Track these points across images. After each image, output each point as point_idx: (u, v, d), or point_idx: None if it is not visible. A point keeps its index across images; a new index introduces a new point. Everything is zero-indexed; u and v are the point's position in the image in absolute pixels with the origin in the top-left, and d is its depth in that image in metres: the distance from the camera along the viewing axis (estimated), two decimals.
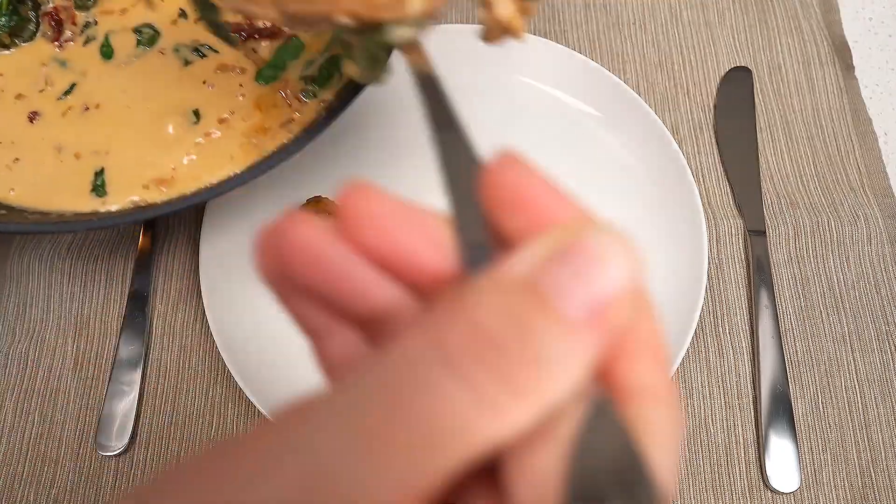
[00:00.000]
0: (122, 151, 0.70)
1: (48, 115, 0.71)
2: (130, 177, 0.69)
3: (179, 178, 0.69)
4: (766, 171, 0.89)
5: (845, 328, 0.80)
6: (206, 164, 0.70)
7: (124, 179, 0.69)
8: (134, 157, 0.70)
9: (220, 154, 0.70)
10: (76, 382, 0.79)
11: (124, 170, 0.70)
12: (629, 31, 0.98)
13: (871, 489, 0.74)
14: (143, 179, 0.69)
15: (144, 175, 0.69)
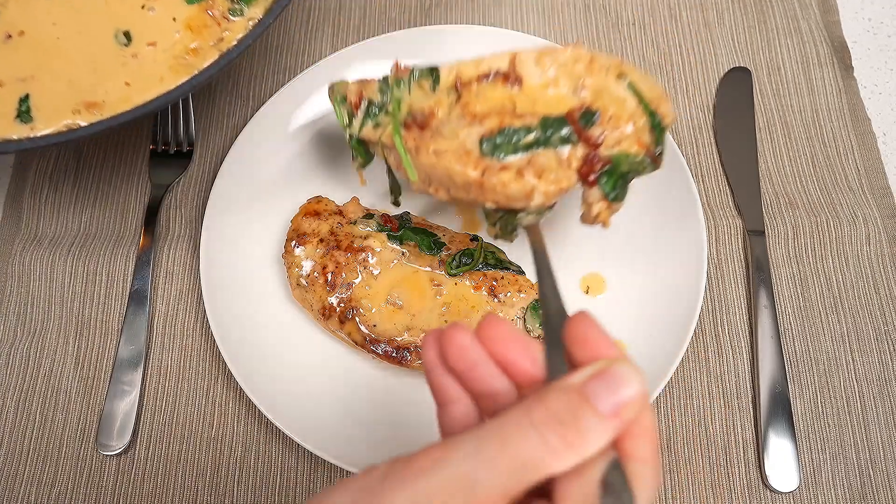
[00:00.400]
0: (50, 77, 0.69)
1: None
2: (59, 102, 0.68)
3: (110, 102, 0.68)
4: (766, 171, 0.89)
5: (844, 328, 0.81)
6: (136, 87, 0.69)
7: (52, 105, 0.68)
8: (63, 82, 0.68)
9: (150, 76, 0.70)
10: (77, 382, 0.79)
11: (53, 95, 0.68)
12: (629, 31, 0.98)
13: (870, 489, 0.74)
14: (72, 104, 0.68)
15: (74, 99, 0.68)
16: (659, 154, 0.66)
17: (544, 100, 0.68)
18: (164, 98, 0.66)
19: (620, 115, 0.65)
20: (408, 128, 0.71)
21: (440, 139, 0.67)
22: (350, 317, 0.74)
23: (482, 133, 0.66)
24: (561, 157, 0.64)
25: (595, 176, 0.64)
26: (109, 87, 0.69)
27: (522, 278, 0.77)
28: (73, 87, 0.68)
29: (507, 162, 0.65)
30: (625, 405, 0.38)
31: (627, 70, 0.69)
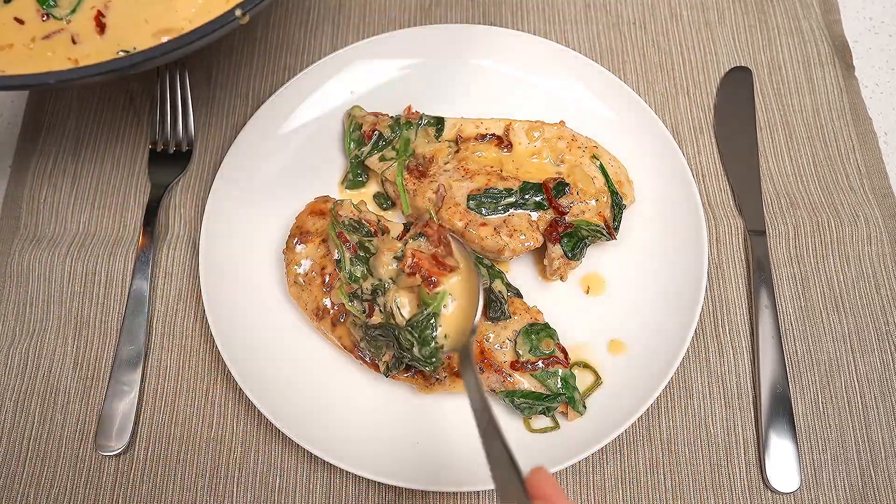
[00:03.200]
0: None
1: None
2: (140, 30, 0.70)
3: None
4: (766, 171, 0.89)
5: (845, 328, 0.80)
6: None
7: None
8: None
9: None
10: (76, 382, 0.79)
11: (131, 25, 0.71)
12: (629, 31, 0.98)
13: (871, 489, 0.74)
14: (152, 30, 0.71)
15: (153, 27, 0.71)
16: (616, 228, 0.80)
17: (527, 167, 0.82)
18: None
19: (588, 191, 0.80)
20: (409, 171, 0.82)
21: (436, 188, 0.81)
22: (342, 321, 0.74)
23: (471, 189, 0.79)
24: (531, 220, 0.78)
25: (557, 236, 0.77)
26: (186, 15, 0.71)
27: (518, 301, 0.77)
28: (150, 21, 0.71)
29: (488, 219, 0.78)
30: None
31: (601, 153, 0.83)
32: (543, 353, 0.73)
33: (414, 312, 0.70)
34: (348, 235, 0.75)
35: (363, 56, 0.90)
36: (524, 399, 0.72)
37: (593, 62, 0.89)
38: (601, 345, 0.78)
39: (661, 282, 0.79)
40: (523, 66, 0.91)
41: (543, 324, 0.75)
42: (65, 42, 0.71)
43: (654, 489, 0.74)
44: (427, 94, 0.90)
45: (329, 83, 0.90)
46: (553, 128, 0.83)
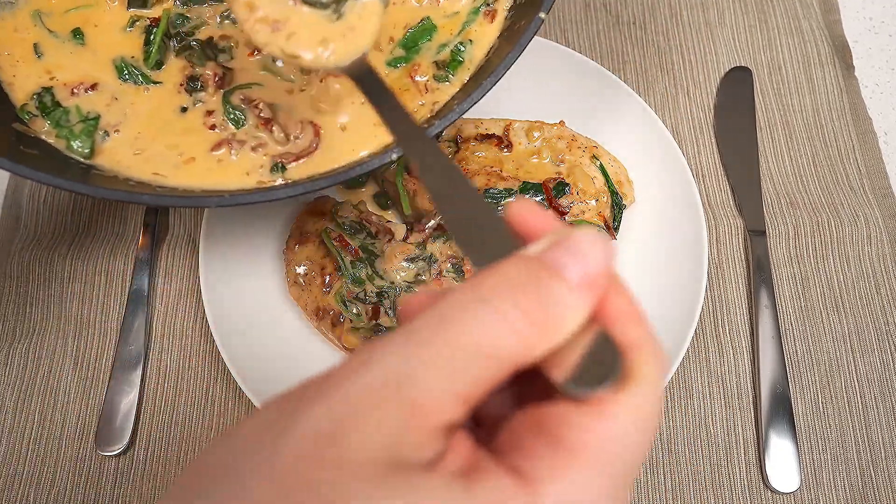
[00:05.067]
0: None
1: None
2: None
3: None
4: (766, 171, 0.89)
5: (845, 328, 0.80)
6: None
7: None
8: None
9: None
10: (76, 382, 0.79)
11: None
12: (629, 31, 0.98)
13: (871, 489, 0.74)
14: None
15: None
16: (616, 228, 0.80)
17: (527, 167, 0.82)
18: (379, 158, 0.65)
19: (588, 191, 0.79)
20: (409, 171, 0.82)
21: None
22: (342, 321, 0.74)
23: None
24: None
25: None
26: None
27: None
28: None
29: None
30: (595, 274, 0.31)
31: (601, 153, 0.83)
32: None
33: None
34: (349, 239, 0.76)
35: None
36: None
37: (593, 62, 0.89)
38: None
39: (661, 282, 0.79)
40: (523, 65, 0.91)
41: None
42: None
43: (654, 489, 0.74)
44: None
45: None
46: (553, 128, 0.84)
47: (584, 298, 0.31)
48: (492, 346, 0.29)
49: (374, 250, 0.76)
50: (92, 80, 0.69)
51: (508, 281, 0.30)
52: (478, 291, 0.30)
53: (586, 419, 0.29)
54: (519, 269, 0.30)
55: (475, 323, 0.29)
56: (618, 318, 0.32)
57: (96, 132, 0.67)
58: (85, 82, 0.68)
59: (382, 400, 0.28)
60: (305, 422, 0.28)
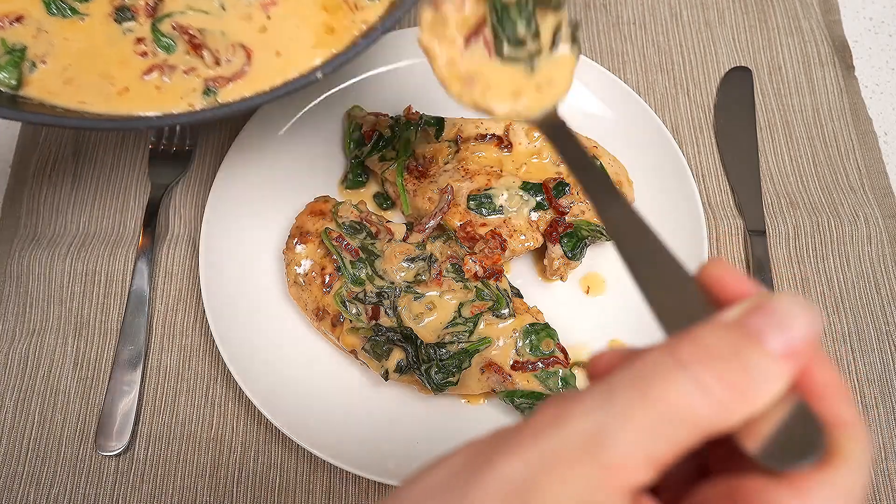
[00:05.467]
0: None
1: None
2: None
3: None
4: (766, 171, 0.89)
5: (845, 328, 0.80)
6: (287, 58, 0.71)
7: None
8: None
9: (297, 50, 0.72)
10: (76, 382, 0.79)
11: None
12: (629, 31, 0.98)
13: (871, 489, 0.74)
14: None
15: None
16: None
17: (527, 167, 0.82)
18: (311, 75, 0.67)
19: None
20: (409, 171, 0.82)
21: (436, 188, 0.80)
22: (342, 321, 0.74)
23: (471, 189, 0.79)
24: (531, 220, 0.79)
25: (557, 236, 0.77)
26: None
27: (518, 301, 0.77)
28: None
29: (488, 219, 0.78)
30: (798, 344, 0.30)
31: (601, 153, 0.82)
32: (543, 353, 0.73)
33: (442, 321, 0.72)
34: (349, 238, 0.76)
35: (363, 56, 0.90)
36: (524, 399, 0.72)
37: (593, 62, 0.89)
38: (601, 345, 0.78)
39: None
40: None
41: (543, 324, 0.75)
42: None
43: None
44: (427, 94, 0.90)
45: (329, 83, 0.90)
46: None
47: (784, 368, 0.30)
48: (689, 412, 0.29)
49: (374, 250, 0.76)
50: (17, 13, 0.69)
51: (708, 348, 0.30)
52: (676, 356, 0.30)
53: (785, 495, 0.29)
54: (718, 337, 0.30)
55: (674, 388, 0.29)
56: (822, 393, 0.31)
57: (23, 63, 0.68)
58: (10, 15, 0.69)
59: (577, 459, 0.29)
60: (498, 472, 0.30)
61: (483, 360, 0.73)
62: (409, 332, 0.72)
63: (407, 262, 0.75)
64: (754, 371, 0.29)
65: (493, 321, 0.74)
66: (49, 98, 0.67)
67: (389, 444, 0.73)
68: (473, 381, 0.73)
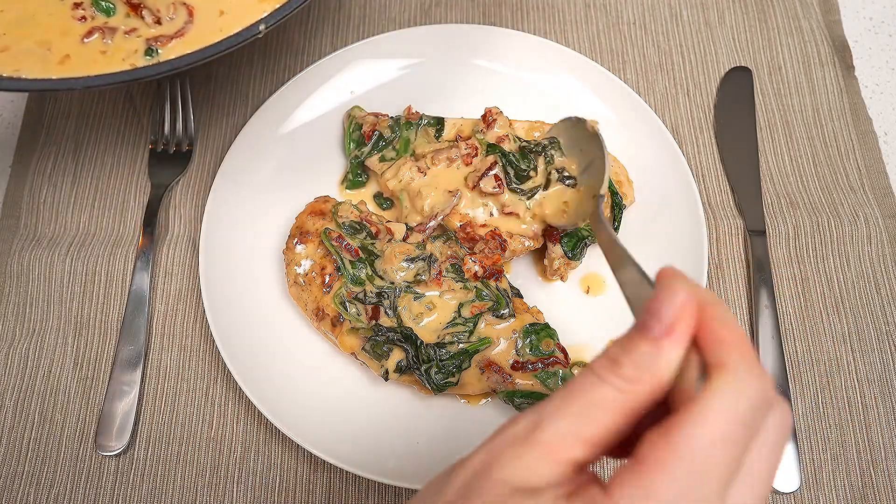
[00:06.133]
0: None
1: None
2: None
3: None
4: (766, 171, 0.89)
5: (845, 328, 0.80)
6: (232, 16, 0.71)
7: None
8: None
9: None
10: (76, 382, 0.79)
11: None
12: (629, 31, 0.98)
13: (871, 489, 0.74)
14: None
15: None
16: (616, 228, 0.80)
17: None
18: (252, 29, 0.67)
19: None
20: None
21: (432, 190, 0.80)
22: (342, 321, 0.74)
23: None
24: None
25: (558, 236, 0.78)
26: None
27: (519, 301, 0.77)
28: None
29: (488, 221, 0.78)
30: (674, 318, 0.38)
31: None
32: (543, 353, 0.73)
33: (442, 321, 0.72)
34: (349, 238, 0.76)
35: (363, 56, 0.90)
36: (524, 399, 0.72)
37: (593, 62, 0.89)
38: (601, 345, 0.78)
39: None
40: (523, 65, 0.91)
41: (543, 324, 0.75)
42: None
43: None
44: (427, 94, 0.90)
45: (329, 83, 0.90)
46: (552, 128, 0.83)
47: (665, 345, 0.38)
48: (602, 400, 0.38)
49: (374, 250, 0.76)
50: None
51: (609, 354, 0.39)
52: (591, 368, 0.39)
53: (663, 434, 0.36)
54: (616, 345, 0.39)
55: (587, 386, 0.38)
56: (711, 339, 0.38)
57: None
58: None
59: (520, 443, 0.38)
60: (466, 465, 0.40)
61: (483, 360, 0.72)
62: (409, 332, 0.72)
63: (407, 262, 0.75)
64: (639, 359, 0.38)
65: (493, 321, 0.74)
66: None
67: (389, 444, 0.73)
68: (473, 381, 0.73)
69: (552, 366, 0.73)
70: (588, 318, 0.79)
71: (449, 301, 0.74)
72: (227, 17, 0.69)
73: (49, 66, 0.67)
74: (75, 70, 0.67)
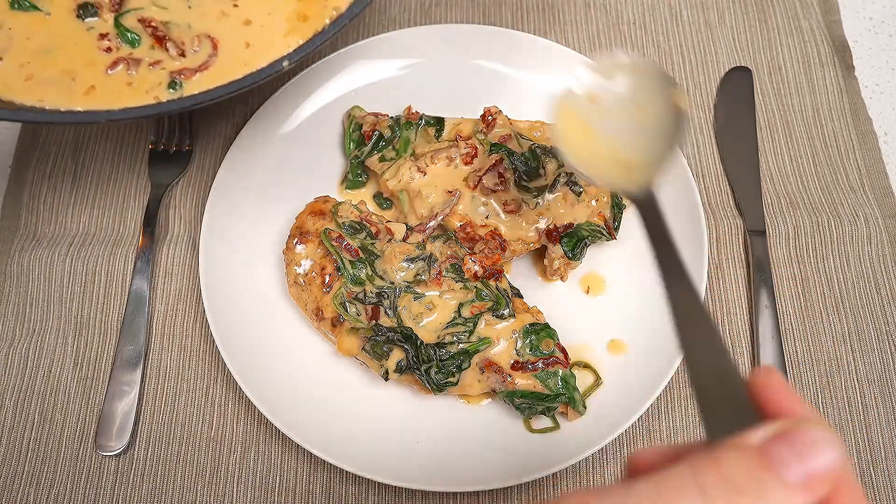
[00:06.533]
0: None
1: None
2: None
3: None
4: (766, 171, 0.89)
5: (845, 328, 0.80)
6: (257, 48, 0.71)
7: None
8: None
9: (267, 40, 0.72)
10: (76, 382, 0.79)
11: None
12: (629, 31, 0.98)
13: (872, 489, 0.74)
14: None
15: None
16: (616, 228, 0.79)
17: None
18: (280, 61, 0.67)
19: (588, 191, 0.78)
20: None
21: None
22: (342, 321, 0.74)
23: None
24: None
25: (558, 236, 0.77)
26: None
27: (519, 301, 0.77)
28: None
29: (487, 221, 0.78)
30: (818, 477, 0.31)
31: None
32: (543, 353, 0.73)
33: (442, 321, 0.72)
34: (349, 238, 0.76)
35: (363, 56, 0.90)
36: (524, 399, 0.72)
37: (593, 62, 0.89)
38: (601, 345, 0.78)
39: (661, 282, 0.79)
40: (523, 66, 0.91)
41: (543, 324, 0.75)
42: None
43: None
44: (427, 94, 0.90)
45: (329, 83, 0.90)
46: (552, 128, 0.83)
47: (800, 500, 0.31)
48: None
49: (373, 250, 0.76)
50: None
51: (727, 476, 0.31)
52: (699, 480, 0.32)
53: None
54: (739, 465, 0.32)
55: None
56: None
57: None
58: None
59: None
60: None
61: (483, 360, 0.72)
62: (408, 332, 0.72)
63: (407, 262, 0.75)
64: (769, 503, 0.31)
65: (492, 321, 0.74)
66: (7, 94, 0.66)
67: (389, 444, 0.73)
68: (473, 381, 0.73)
69: (552, 366, 0.73)
70: (588, 318, 0.79)
71: (449, 301, 0.74)
72: (252, 49, 0.70)
73: (74, 96, 0.67)
74: (100, 101, 0.67)
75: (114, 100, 0.68)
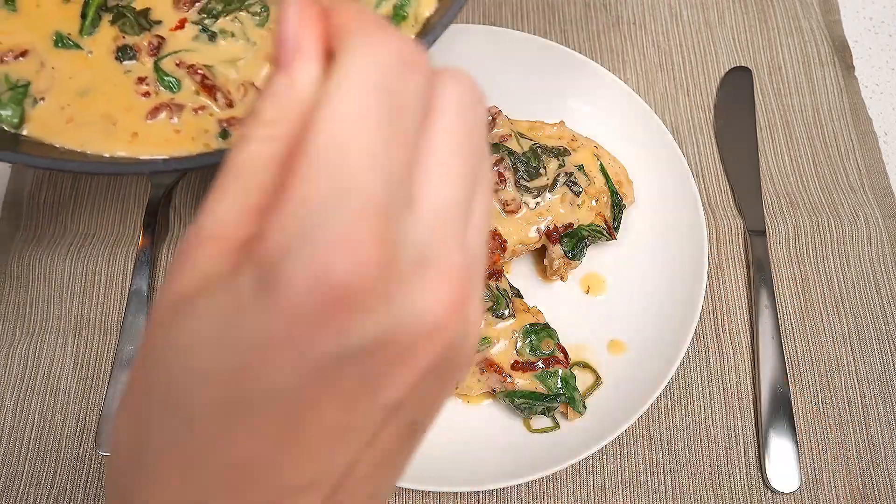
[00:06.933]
0: None
1: None
2: None
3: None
4: (766, 171, 0.89)
5: (845, 328, 0.80)
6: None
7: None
8: None
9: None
10: (76, 382, 0.79)
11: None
12: (629, 31, 0.98)
13: (871, 489, 0.74)
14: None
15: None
16: (616, 228, 0.80)
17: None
18: None
19: (587, 191, 0.78)
20: None
21: None
22: None
23: None
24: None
25: (557, 236, 0.77)
26: None
27: (518, 301, 0.77)
28: None
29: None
30: (285, 37, 0.31)
31: (601, 153, 0.82)
32: (543, 353, 0.73)
33: None
34: None
35: None
36: (524, 399, 0.72)
37: (593, 62, 0.89)
38: (601, 345, 0.78)
39: (661, 282, 0.79)
40: (523, 66, 0.91)
41: (543, 324, 0.75)
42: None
43: (653, 489, 0.74)
44: None
45: None
46: (553, 128, 0.83)
47: (297, 67, 0.31)
48: (254, 159, 0.30)
49: None
50: (23, 48, 0.67)
51: (251, 109, 0.32)
52: (238, 135, 0.32)
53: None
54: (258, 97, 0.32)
55: (236, 153, 0.31)
56: (334, 33, 0.32)
57: (26, 100, 0.65)
58: (15, 49, 0.67)
59: (187, 248, 0.30)
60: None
61: (483, 360, 0.72)
62: None
63: None
64: (277, 96, 0.30)
65: (492, 321, 0.74)
66: (49, 137, 0.65)
67: None
68: (473, 381, 0.73)
69: (552, 366, 0.73)
70: (588, 318, 0.79)
71: None
72: None
73: (116, 142, 0.65)
74: (143, 148, 0.65)
75: (161, 148, 0.65)
